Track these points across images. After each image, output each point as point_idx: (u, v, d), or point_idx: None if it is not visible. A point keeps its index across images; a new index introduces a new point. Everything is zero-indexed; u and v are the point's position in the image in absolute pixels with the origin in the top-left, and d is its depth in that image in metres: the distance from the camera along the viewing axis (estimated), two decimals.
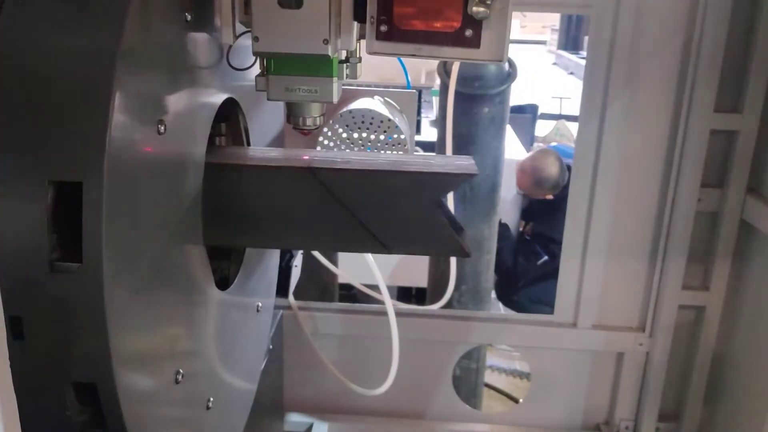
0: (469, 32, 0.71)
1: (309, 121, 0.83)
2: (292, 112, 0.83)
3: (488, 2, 0.69)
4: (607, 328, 1.61)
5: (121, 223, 0.59)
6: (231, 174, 0.84)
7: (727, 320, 1.53)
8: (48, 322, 0.58)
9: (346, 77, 0.82)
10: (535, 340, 1.65)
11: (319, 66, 0.76)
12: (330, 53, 0.73)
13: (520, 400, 1.80)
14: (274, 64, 0.77)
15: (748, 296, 1.46)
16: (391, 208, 0.83)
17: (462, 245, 0.84)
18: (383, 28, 0.73)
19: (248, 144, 0.98)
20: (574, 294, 1.60)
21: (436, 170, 0.82)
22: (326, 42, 0.72)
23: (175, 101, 0.71)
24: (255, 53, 0.74)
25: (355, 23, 0.75)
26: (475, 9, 0.69)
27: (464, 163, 0.84)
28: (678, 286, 1.52)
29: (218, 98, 0.82)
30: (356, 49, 0.79)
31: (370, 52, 0.75)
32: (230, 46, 0.79)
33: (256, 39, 0.72)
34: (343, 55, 0.79)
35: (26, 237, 0.56)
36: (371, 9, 0.72)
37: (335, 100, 0.80)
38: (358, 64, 0.83)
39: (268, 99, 0.79)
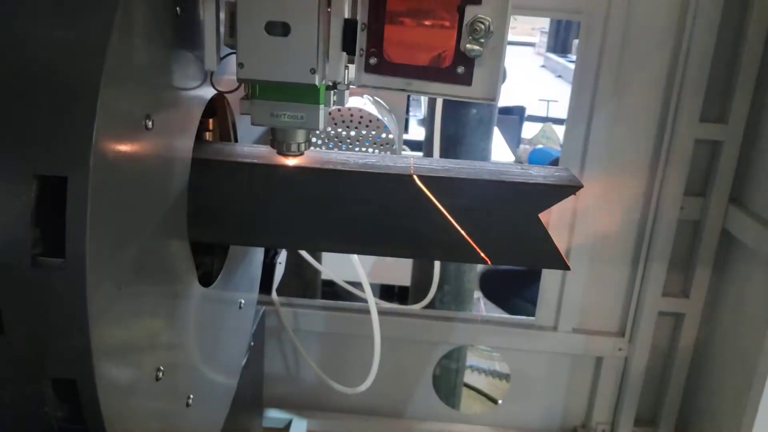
0: (461, 69, 0.69)
1: (294, 147, 0.80)
2: (277, 137, 0.80)
3: (482, 40, 0.67)
4: (587, 333, 1.63)
5: (106, 220, 0.58)
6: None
7: (705, 328, 1.55)
8: (29, 318, 0.57)
9: (334, 104, 0.80)
10: (515, 343, 1.66)
11: (305, 93, 0.74)
12: (317, 82, 0.71)
13: (499, 402, 1.81)
14: (259, 90, 0.75)
15: (726, 305, 1.48)
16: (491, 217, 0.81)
17: (563, 258, 0.82)
18: (372, 60, 0.70)
19: (236, 140, 0.97)
20: (555, 298, 1.61)
21: (540, 181, 0.79)
22: (313, 71, 0.70)
23: (164, 96, 0.70)
24: (239, 80, 0.72)
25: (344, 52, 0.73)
26: (468, 46, 0.67)
27: (565, 175, 0.81)
28: (658, 292, 1.53)
29: (208, 93, 0.81)
30: (344, 77, 0.77)
31: (358, 85, 0.72)
32: (212, 72, 0.77)
33: (240, 65, 0.70)
34: (331, 81, 0.76)
35: (8, 231, 0.55)
36: (361, 41, 0.70)
37: (321, 127, 0.77)
38: (346, 91, 0.81)
39: (253, 124, 0.77)
